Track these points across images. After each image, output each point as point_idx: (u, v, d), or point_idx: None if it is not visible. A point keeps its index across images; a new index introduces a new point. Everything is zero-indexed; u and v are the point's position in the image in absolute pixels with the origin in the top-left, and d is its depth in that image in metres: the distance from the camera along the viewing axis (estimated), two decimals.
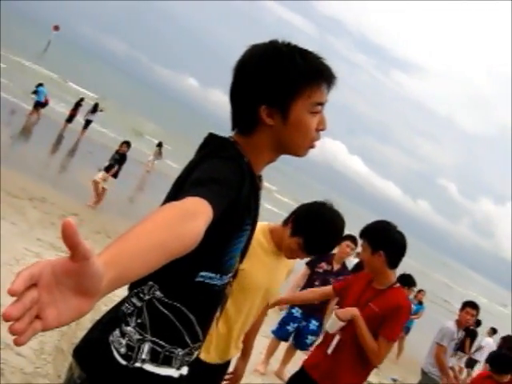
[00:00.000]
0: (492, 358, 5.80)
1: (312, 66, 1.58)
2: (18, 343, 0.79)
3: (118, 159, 12.92)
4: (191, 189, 1.32)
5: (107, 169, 12.68)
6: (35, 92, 22.21)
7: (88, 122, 23.81)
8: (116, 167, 12.80)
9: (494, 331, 15.43)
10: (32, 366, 4.03)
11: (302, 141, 1.62)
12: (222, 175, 1.41)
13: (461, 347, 11.72)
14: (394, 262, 3.45)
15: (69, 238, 0.78)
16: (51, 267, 0.80)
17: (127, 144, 13.39)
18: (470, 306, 6.66)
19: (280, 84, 1.56)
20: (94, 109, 24.46)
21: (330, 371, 3.50)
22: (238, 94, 1.62)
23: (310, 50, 1.61)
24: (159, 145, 24.85)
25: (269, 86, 1.56)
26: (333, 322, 3.50)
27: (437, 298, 33.51)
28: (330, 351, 3.50)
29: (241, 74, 1.61)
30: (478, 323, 14.48)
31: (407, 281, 8.01)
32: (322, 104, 1.61)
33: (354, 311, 3.43)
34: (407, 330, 13.70)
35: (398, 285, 3.55)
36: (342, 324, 3.45)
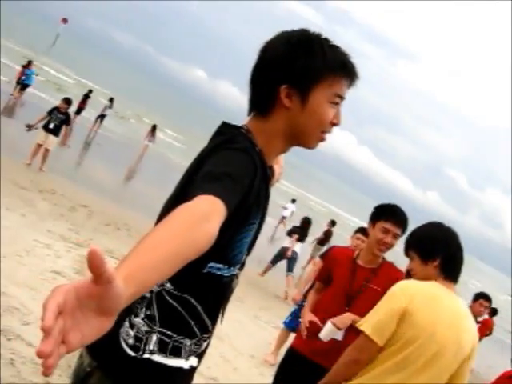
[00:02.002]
0: None
1: (339, 58, 1.60)
2: (45, 374, 0.80)
3: (64, 119, 12.62)
4: (204, 184, 1.30)
5: (54, 132, 12.38)
6: (23, 73, 22.16)
7: (102, 117, 24.05)
8: (64, 128, 12.62)
9: (494, 312, 15.47)
10: None
11: (315, 130, 1.62)
12: (234, 169, 1.39)
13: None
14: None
15: (95, 267, 0.80)
16: (74, 291, 0.82)
17: (67, 101, 12.95)
18: (484, 297, 6.63)
19: (305, 66, 1.56)
20: (110, 103, 24.74)
21: (332, 352, 3.43)
22: (260, 72, 1.62)
23: (338, 44, 1.63)
24: (153, 128, 25.45)
25: (293, 66, 1.56)
26: (329, 331, 3.46)
27: None
28: (325, 340, 3.48)
29: (266, 53, 1.61)
30: (495, 312, 14.58)
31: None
32: (341, 97, 1.62)
33: (350, 317, 3.44)
34: None
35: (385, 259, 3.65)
36: (339, 332, 3.46)
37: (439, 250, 2.66)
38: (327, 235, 16.87)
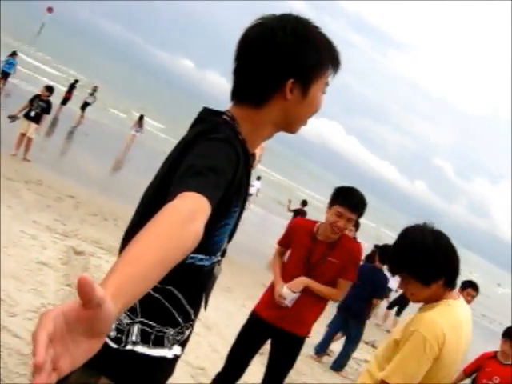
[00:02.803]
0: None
1: (331, 49, 1.64)
2: None
3: (45, 108, 12.61)
4: (187, 179, 1.28)
5: (36, 120, 12.36)
6: (6, 62, 21.92)
7: (86, 105, 23.86)
8: (44, 116, 12.60)
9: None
10: (29, 347, 4.01)
11: (306, 117, 1.67)
12: (217, 162, 1.37)
13: None
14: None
15: (86, 294, 0.79)
16: (63, 316, 0.81)
17: (49, 89, 13.01)
18: (472, 286, 6.64)
19: (313, 61, 1.58)
20: (93, 92, 24.55)
21: (292, 315, 3.76)
22: (263, 63, 1.57)
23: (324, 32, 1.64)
24: (141, 117, 25.46)
25: (302, 61, 1.57)
26: (286, 294, 3.71)
27: None
28: (290, 305, 3.74)
29: (270, 43, 1.56)
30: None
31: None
32: (328, 85, 1.67)
33: (302, 281, 3.71)
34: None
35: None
36: (297, 295, 3.72)
37: (443, 271, 2.41)
38: (300, 214, 17.80)
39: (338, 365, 7.88)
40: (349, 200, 3.69)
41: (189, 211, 1.15)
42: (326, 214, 3.77)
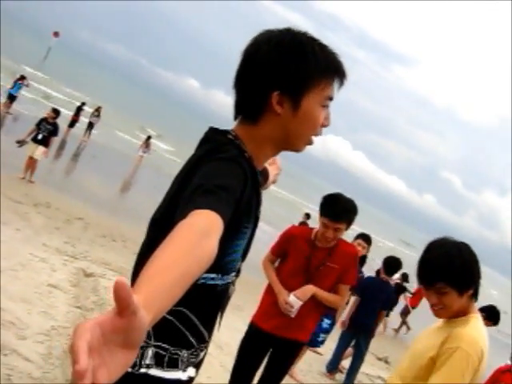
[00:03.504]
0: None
1: (330, 60, 1.57)
2: None
3: (52, 130, 12.71)
4: (198, 198, 1.28)
5: (44, 142, 12.47)
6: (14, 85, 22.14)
7: (91, 125, 24.05)
8: (51, 139, 12.72)
9: (404, 278, 16.39)
10: (40, 370, 3.99)
11: (307, 134, 1.60)
12: (226, 180, 1.36)
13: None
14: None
15: (122, 299, 0.78)
16: (99, 327, 0.79)
17: (55, 111, 13.11)
18: (362, 237, 6.71)
19: (297, 71, 1.52)
20: (97, 112, 24.76)
21: (293, 323, 3.76)
22: (249, 77, 1.57)
23: (325, 43, 1.59)
24: (148, 138, 25.90)
25: (285, 72, 1.52)
26: (292, 303, 3.69)
27: None
28: (292, 315, 3.73)
29: (255, 57, 1.56)
30: (405, 278, 15.76)
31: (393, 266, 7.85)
32: (332, 99, 1.60)
33: (311, 289, 3.71)
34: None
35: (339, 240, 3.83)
36: (301, 303, 3.70)
37: (475, 278, 2.46)
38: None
39: (349, 381, 7.81)
40: (331, 210, 3.69)
41: (203, 228, 1.14)
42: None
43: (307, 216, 19.47)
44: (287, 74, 1.52)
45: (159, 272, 0.98)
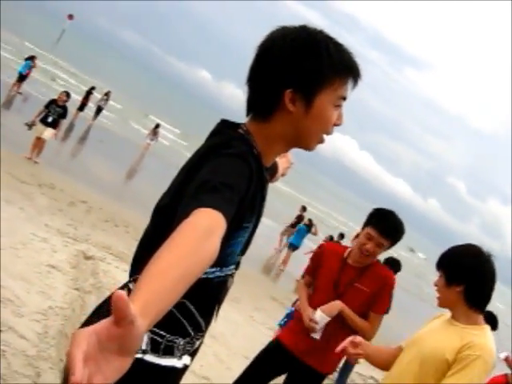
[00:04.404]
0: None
1: (344, 59, 1.55)
2: None
3: (62, 113, 12.77)
4: (202, 195, 1.28)
5: (53, 125, 12.53)
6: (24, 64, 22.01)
7: (99, 109, 24.12)
8: (61, 121, 12.79)
9: (341, 236, 17.43)
10: (35, 349, 4.03)
11: (318, 133, 1.59)
12: (231, 178, 1.36)
13: None
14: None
15: (120, 311, 0.80)
16: (96, 336, 0.82)
17: (67, 94, 13.19)
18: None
19: (312, 70, 1.51)
20: (106, 96, 24.84)
21: (318, 350, 3.51)
22: (262, 74, 1.56)
23: (342, 42, 1.57)
24: (156, 126, 25.84)
25: (299, 70, 1.51)
26: (318, 319, 3.45)
27: None
28: (318, 336, 3.48)
29: (269, 54, 1.54)
30: (342, 236, 17.36)
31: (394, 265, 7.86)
32: (345, 99, 1.59)
33: (338, 305, 3.43)
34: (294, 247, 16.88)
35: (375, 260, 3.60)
36: (328, 320, 3.44)
37: (464, 277, 2.63)
38: (299, 219, 19.23)
39: (342, 380, 7.83)
40: (382, 223, 3.43)
41: (206, 228, 1.16)
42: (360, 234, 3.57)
43: (303, 209, 19.74)
44: (301, 72, 1.51)
45: (160, 273, 1.00)
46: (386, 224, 3.44)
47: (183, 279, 1.03)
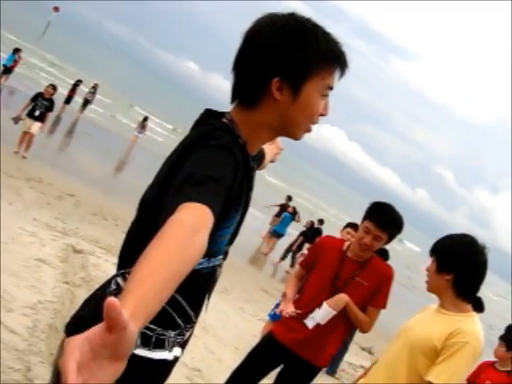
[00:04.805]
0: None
1: (332, 48, 1.54)
2: None
3: (49, 106, 12.71)
4: (188, 189, 1.27)
5: (40, 118, 12.47)
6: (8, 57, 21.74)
7: (86, 102, 23.99)
8: (48, 114, 12.75)
9: (321, 222, 18.32)
10: (25, 343, 4.01)
11: (304, 122, 1.59)
12: (217, 171, 1.35)
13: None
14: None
15: (113, 319, 0.81)
16: (88, 343, 0.82)
17: (53, 87, 13.13)
18: (352, 226, 6.20)
19: (300, 58, 1.50)
20: (93, 89, 24.70)
21: (313, 343, 3.51)
22: (249, 61, 1.54)
23: (330, 31, 1.56)
24: (144, 119, 25.78)
25: (287, 59, 1.49)
26: (325, 314, 3.45)
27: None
28: (310, 326, 3.48)
29: (256, 41, 1.53)
30: (322, 221, 18.42)
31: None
32: (332, 89, 1.58)
33: (344, 298, 3.44)
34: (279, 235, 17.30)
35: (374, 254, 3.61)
36: (334, 313, 3.44)
37: (454, 266, 2.70)
38: (283, 208, 19.63)
39: (332, 368, 7.89)
40: (379, 216, 3.43)
41: (193, 224, 1.15)
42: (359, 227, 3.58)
43: (289, 198, 20.09)
44: (289, 60, 1.50)
45: (149, 274, 1.00)
46: (383, 217, 3.44)
47: (173, 278, 1.03)
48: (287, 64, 1.50)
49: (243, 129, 1.56)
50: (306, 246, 16.92)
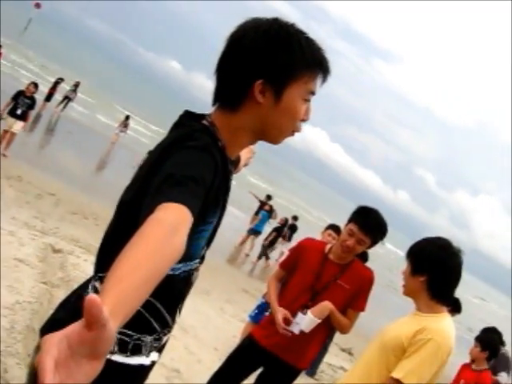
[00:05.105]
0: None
1: (315, 54, 1.56)
2: None
3: (31, 104, 12.66)
4: (167, 189, 1.26)
5: (22, 117, 12.41)
6: None
7: (67, 100, 23.81)
8: (30, 112, 12.71)
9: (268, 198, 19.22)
10: (2, 344, 3.96)
11: (286, 127, 1.59)
12: (196, 172, 1.34)
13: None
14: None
15: (93, 315, 0.79)
16: (66, 340, 0.81)
17: (35, 85, 13.05)
18: (333, 228, 6.02)
19: (284, 62, 1.51)
20: (75, 87, 24.54)
21: (294, 346, 3.50)
22: (233, 64, 1.55)
23: (313, 37, 1.58)
24: (126, 118, 25.70)
25: (271, 62, 1.50)
26: (310, 322, 3.44)
27: None
28: (297, 332, 3.45)
29: (240, 44, 1.54)
30: (296, 218, 18.98)
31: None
32: (314, 94, 1.60)
33: (328, 306, 3.45)
34: (256, 233, 17.49)
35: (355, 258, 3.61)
36: (319, 322, 3.43)
37: (427, 268, 2.74)
38: (261, 206, 20.02)
39: (312, 369, 7.91)
40: (364, 219, 3.44)
41: (172, 224, 1.14)
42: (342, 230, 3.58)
43: (268, 197, 20.39)
44: (272, 64, 1.51)
45: (128, 273, 0.99)
46: (368, 221, 3.46)
47: (152, 277, 1.02)
48: (271, 67, 1.51)
49: (223, 132, 1.56)
50: (280, 240, 17.52)
